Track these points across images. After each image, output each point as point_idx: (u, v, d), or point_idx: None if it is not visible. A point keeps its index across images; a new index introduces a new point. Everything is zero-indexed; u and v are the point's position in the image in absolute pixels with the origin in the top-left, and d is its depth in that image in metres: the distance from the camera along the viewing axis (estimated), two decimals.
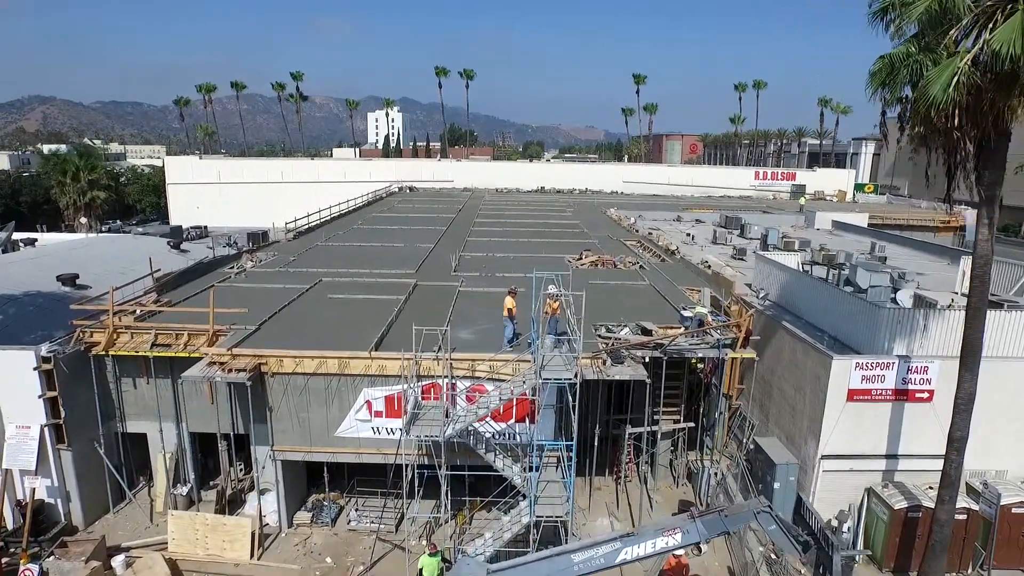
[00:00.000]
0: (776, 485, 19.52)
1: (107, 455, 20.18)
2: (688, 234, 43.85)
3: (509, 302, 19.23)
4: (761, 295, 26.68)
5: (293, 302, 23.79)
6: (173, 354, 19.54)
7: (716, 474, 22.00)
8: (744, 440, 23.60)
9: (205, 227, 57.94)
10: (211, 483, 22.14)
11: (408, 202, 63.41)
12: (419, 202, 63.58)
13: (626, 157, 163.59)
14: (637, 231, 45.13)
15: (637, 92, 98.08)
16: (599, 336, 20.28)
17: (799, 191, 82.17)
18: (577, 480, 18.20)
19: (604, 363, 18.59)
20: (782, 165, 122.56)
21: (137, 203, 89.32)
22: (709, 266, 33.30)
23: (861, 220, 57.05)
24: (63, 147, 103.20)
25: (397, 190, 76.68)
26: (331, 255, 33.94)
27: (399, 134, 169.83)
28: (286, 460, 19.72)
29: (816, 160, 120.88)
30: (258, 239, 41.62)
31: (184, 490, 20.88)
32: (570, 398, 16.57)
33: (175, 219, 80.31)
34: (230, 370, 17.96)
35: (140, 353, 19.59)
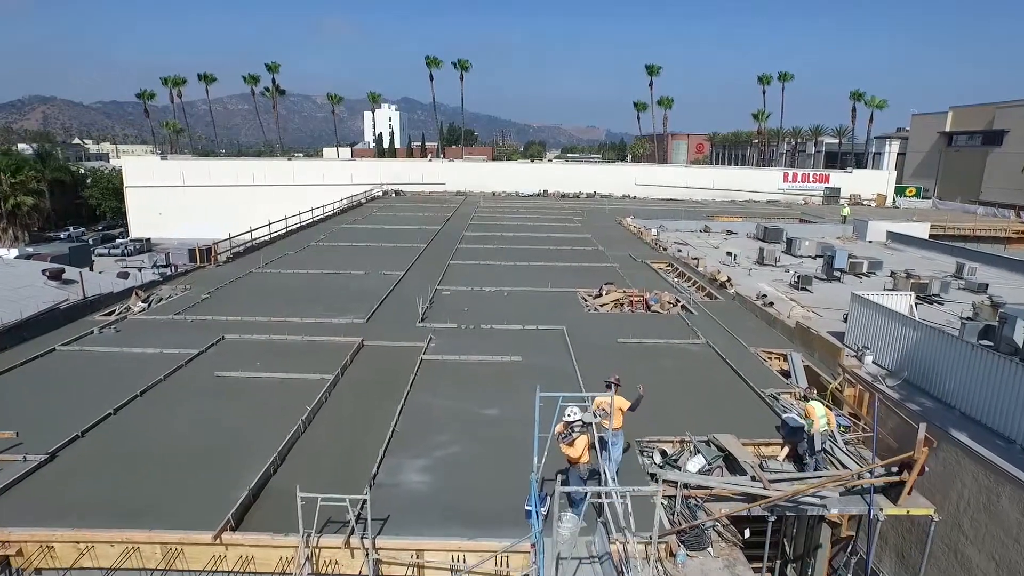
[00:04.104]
0: None
1: None
2: (729, 253, 34.95)
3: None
4: (866, 358, 17.86)
5: (148, 392, 14.87)
6: None
7: None
8: None
9: (147, 240, 49.13)
10: None
11: (389, 209, 54.51)
12: (402, 209, 54.68)
13: (629, 156, 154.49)
14: (665, 249, 36.26)
15: (650, 84, 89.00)
16: (652, 477, 11.41)
17: (833, 194, 73.24)
18: None
19: (672, 553, 9.72)
20: (796, 165, 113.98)
21: (97, 207, 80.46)
22: (771, 303, 24.55)
23: (920, 231, 48.24)
24: (22, 146, 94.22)
25: (381, 194, 67.82)
26: (261, 290, 25.13)
27: (393, 133, 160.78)
28: None
29: (834, 160, 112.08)
30: (202, 255, 33.02)
31: None
32: None
33: (134, 226, 71.66)
34: None
35: None
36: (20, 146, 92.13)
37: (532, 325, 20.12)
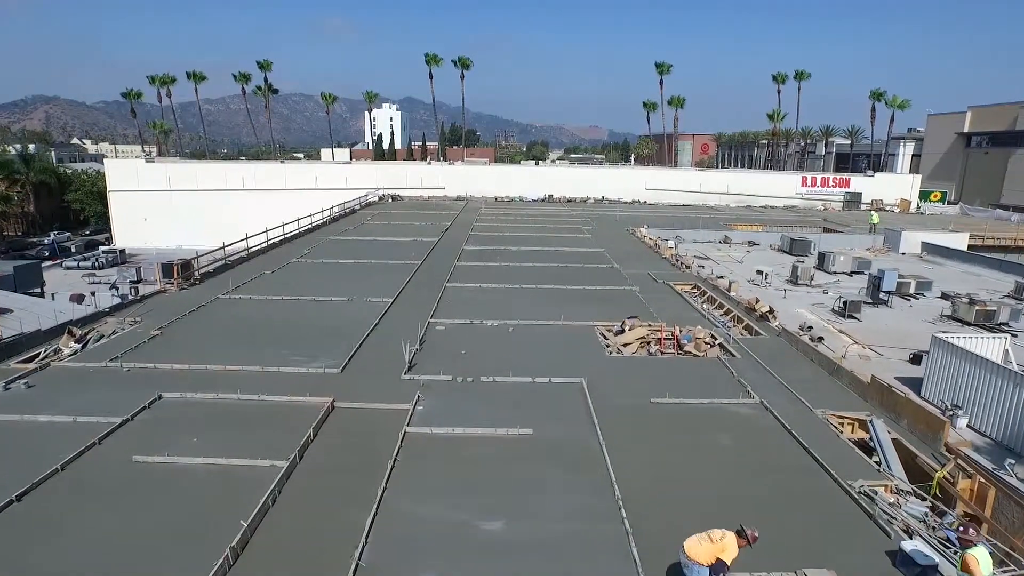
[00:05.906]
0: None
1: None
2: (760, 271, 31.21)
3: None
4: (958, 421, 14.17)
5: (30, 493, 11.17)
6: None
7: None
8: None
9: (122, 251, 45.51)
10: None
11: (384, 217, 50.80)
12: (397, 216, 50.98)
13: (633, 157, 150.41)
14: (687, 267, 32.50)
15: (661, 83, 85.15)
16: None
17: (854, 199, 69.49)
18: None
19: None
20: (806, 167, 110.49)
21: (81, 212, 77.01)
22: (820, 336, 20.92)
23: (959, 241, 44.45)
24: (11, 147, 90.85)
25: (377, 199, 64.14)
26: (223, 324, 21.46)
27: (394, 133, 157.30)
28: None
29: (845, 162, 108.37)
30: (175, 270, 29.39)
31: None
32: None
33: (119, 233, 68.27)
34: None
35: None
36: (8, 147, 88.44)
37: (544, 377, 16.41)
